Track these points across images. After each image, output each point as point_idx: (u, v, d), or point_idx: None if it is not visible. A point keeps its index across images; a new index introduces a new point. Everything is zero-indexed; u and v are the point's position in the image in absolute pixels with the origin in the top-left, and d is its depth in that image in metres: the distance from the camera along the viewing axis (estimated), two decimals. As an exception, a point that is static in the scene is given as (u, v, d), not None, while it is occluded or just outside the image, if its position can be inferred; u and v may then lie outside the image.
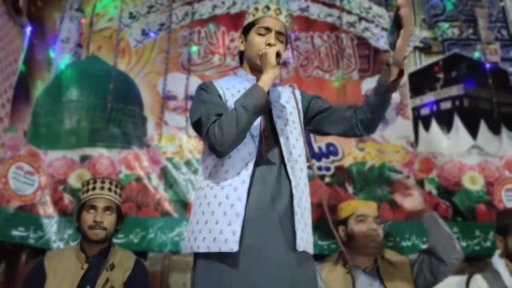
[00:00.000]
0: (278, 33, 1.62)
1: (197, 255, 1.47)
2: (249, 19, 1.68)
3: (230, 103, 1.51)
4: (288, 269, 1.40)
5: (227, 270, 1.38)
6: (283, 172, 1.50)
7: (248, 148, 1.48)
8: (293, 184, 1.47)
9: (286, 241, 1.42)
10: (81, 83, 3.01)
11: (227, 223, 1.40)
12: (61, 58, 3.06)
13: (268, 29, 1.61)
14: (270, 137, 1.54)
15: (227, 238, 1.38)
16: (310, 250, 1.50)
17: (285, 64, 1.52)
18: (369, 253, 2.10)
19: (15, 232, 2.62)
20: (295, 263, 1.42)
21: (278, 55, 1.49)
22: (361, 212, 2.17)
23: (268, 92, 1.50)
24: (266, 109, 1.50)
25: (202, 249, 1.41)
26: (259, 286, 1.35)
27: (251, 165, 1.46)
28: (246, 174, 1.45)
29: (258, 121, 1.51)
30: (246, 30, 1.68)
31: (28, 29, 3.02)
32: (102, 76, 3.04)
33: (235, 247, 1.36)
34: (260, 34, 1.61)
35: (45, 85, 2.98)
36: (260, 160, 1.48)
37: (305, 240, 1.45)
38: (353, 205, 2.26)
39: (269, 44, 1.57)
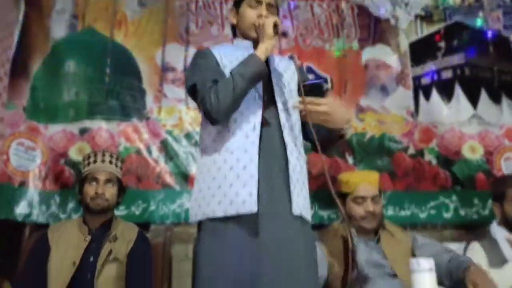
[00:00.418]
0: (269, 5, 1.62)
1: (201, 221, 1.47)
2: None
3: (228, 70, 1.51)
4: (294, 233, 1.43)
5: (238, 232, 1.39)
6: (280, 136, 1.51)
7: (252, 110, 1.49)
8: (288, 149, 1.49)
9: (288, 205, 1.44)
10: (78, 55, 2.97)
11: (242, 184, 1.40)
12: (57, 29, 2.99)
13: (258, 2, 1.62)
14: (269, 102, 1.55)
15: (245, 200, 1.38)
16: (307, 215, 1.51)
17: (284, 34, 1.54)
18: (367, 231, 2.11)
19: (18, 210, 2.65)
20: (296, 227, 1.44)
21: (275, 25, 1.49)
22: (359, 194, 2.13)
23: (267, 62, 1.51)
24: (263, 78, 1.50)
25: (219, 213, 1.41)
26: (265, 248, 1.37)
27: (258, 127, 1.47)
28: (255, 135, 1.46)
29: (260, 84, 1.52)
30: (238, 3, 1.68)
31: (23, 1, 2.96)
32: (99, 48, 2.99)
33: (254, 208, 1.37)
34: (251, 7, 1.62)
35: (42, 58, 2.94)
36: (263, 122, 1.49)
37: (301, 205, 1.47)
38: (352, 182, 2.16)
39: (260, 16, 1.57)
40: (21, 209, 2.66)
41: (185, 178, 2.81)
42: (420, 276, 1.10)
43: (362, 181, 2.17)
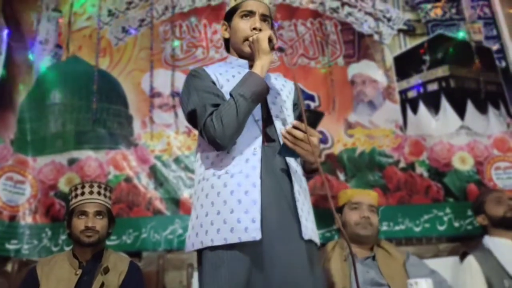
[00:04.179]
0: (263, 16, 1.56)
1: (202, 251, 1.39)
2: (231, 4, 1.61)
3: (226, 89, 1.46)
4: (302, 259, 1.37)
5: (242, 261, 1.32)
6: (282, 158, 1.46)
7: (252, 133, 1.44)
8: (291, 170, 1.44)
9: (296, 230, 1.38)
10: (64, 85, 2.97)
11: (243, 211, 1.33)
12: (41, 60, 3.00)
13: (251, 12, 1.55)
14: (269, 121, 1.50)
15: (247, 227, 1.31)
16: (317, 240, 1.46)
17: (281, 50, 1.47)
18: (361, 241, 2.09)
19: (9, 245, 2.61)
20: (304, 252, 1.38)
21: (269, 40, 1.44)
22: (355, 199, 2.15)
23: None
24: (265, 96, 1.45)
25: (218, 242, 1.32)
26: (276, 278, 1.32)
27: (259, 150, 1.41)
28: (256, 159, 1.40)
29: (258, 105, 1.47)
30: (229, 16, 1.61)
31: (5, 32, 2.95)
32: (84, 77, 2.99)
33: (257, 235, 1.30)
34: (244, 19, 1.55)
35: (28, 90, 2.93)
36: (264, 143, 1.45)
37: (310, 229, 1.41)
38: (349, 193, 2.25)
39: (254, 29, 1.51)
40: (12, 244, 2.62)
41: (176, 203, 2.78)
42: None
43: (360, 191, 2.29)
